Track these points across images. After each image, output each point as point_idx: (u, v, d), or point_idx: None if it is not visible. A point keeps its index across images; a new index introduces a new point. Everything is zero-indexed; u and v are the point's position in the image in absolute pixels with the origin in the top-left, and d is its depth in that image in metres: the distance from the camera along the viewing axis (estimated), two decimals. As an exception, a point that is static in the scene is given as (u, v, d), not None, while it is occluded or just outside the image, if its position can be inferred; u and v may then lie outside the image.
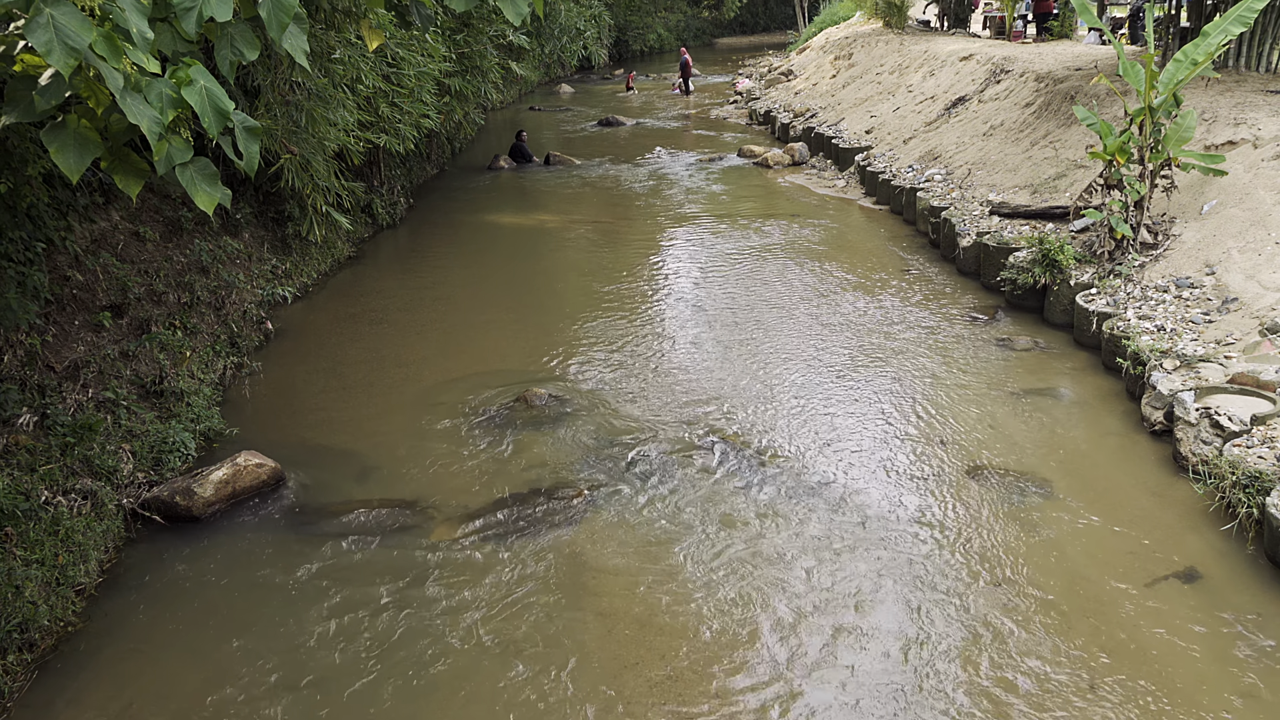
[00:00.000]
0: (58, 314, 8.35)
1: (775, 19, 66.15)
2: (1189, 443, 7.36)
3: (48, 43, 3.26)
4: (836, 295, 11.93)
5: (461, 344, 10.79)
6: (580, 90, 37.94)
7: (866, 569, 6.39)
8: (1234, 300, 8.90)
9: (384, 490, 7.65)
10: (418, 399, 9.28)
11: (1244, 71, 14.33)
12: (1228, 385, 7.72)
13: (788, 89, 29.54)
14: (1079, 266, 10.63)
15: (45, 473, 6.82)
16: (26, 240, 7.79)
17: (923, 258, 13.42)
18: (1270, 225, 9.46)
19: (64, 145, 3.74)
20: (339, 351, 10.60)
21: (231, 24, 4.16)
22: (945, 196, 14.50)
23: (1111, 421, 8.38)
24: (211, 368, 9.48)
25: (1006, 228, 12.37)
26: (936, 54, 22.10)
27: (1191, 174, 10.70)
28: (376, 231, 15.82)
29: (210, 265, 10.53)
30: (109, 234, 9.52)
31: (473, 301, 12.38)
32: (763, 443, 8.17)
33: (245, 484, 7.51)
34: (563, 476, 7.73)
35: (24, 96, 3.67)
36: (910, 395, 8.99)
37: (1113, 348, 9.15)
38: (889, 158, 18.02)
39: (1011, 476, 7.47)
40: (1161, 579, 6.18)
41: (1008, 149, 14.99)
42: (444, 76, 16.11)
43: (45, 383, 7.63)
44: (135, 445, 7.72)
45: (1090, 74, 15.29)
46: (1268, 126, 10.94)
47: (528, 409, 8.87)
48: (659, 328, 11.05)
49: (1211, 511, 6.79)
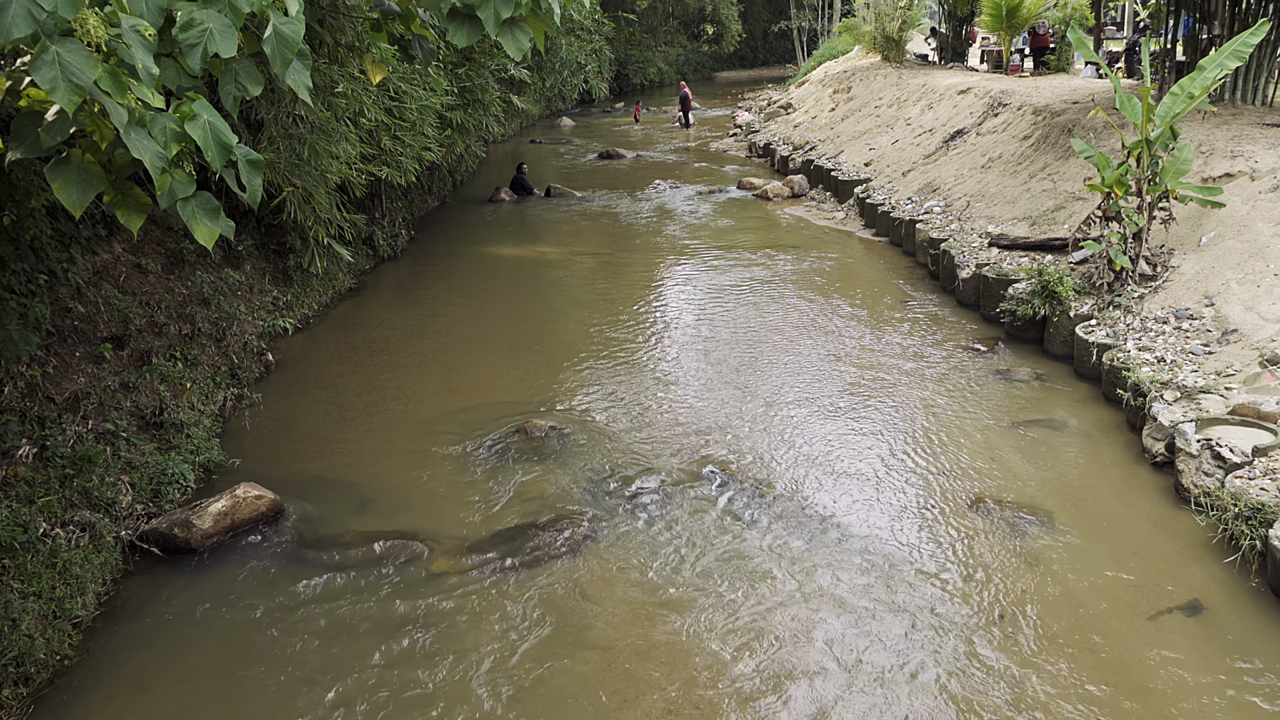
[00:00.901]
0: (59, 345, 8.37)
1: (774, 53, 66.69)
2: (1190, 474, 7.35)
3: (53, 80, 3.29)
4: (837, 327, 11.94)
5: (462, 375, 10.80)
6: (581, 123, 38.21)
7: (867, 601, 6.35)
8: (1234, 331, 8.91)
9: (383, 522, 7.62)
10: (418, 430, 9.27)
11: (1240, 105, 14.43)
12: (1229, 417, 7.71)
13: (787, 122, 29.74)
14: (1078, 298, 10.66)
15: (44, 504, 6.80)
16: (29, 272, 7.82)
17: (922, 289, 13.45)
18: (1269, 257, 9.50)
19: (68, 181, 3.76)
20: (339, 383, 10.61)
21: (236, 60, 4.21)
22: (944, 228, 14.56)
23: (1113, 453, 8.36)
24: (212, 399, 9.48)
25: (1005, 259, 12.41)
26: (934, 87, 22.27)
27: (1189, 206, 10.75)
28: (378, 263, 15.88)
29: (211, 297, 10.56)
30: (111, 266, 9.56)
31: (473, 333, 12.40)
32: (763, 474, 8.15)
33: (244, 516, 7.49)
34: (562, 508, 7.70)
35: (29, 132, 3.70)
36: (911, 427, 8.98)
37: (1113, 379, 9.15)
38: (888, 190, 18.11)
39: (1013, 508, 7.44)
40: (1165, 612, 6.14)
41: (1006, 181, 15.07)
42: (446, 110, 16.24)
43: (45, 414, 7.63)
44: (134, 477, 7.70)
45: (1087, 107, 15.41)
46: (1264, 159, 11.01)
47: (527, 440, 8.86)
48: (659, 359, 11.06)
49: (1214, 544, 6.76)
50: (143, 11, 3.94)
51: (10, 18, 3.28)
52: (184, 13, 4.00)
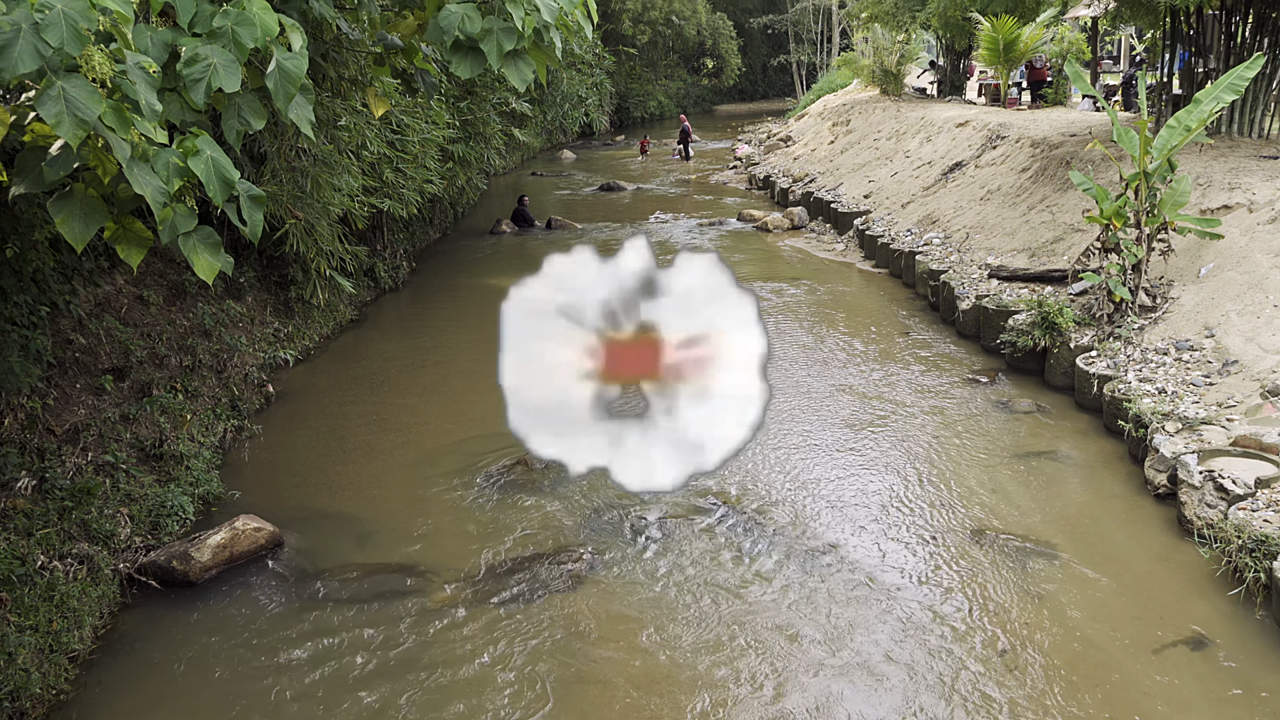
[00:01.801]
0: (59, 377, 8.37)
1: (774, 86, 67.21)
2: (1193, 506, 7.32)
3: (58, 114, 3.32)
4: (837, 358, 11.95)
5: (462, 407, 10.79)
6: (582, 156, 38.42)
7: (869, 635, 6.31)
8: (1234, 363, 8.91)
9: (383, 554, 7.59)
10: (418, 462, 9.25)
11: (1237, 138, 14.53)
12: (1231, 448, 7.69)
13: (787, 154, 29.92)
14: (1078, 329, 10.67)
15: (42, 537, 6.77)
16: (31, 304, 7.84)
17: (922, 320, 13.47)
18: (1268, 288, 9.52)
19: (70, 215, 3.79)
20: (340, 414, 10.60)
21: (239, 94, 4.24)
22: (944, 260, 14.60)
23: (1115, 484, 8.33)
24: (212, 431, 9.47)
25: (1005, 290, 12.43)
26: (933, 120, 22.42)
27: (1188, 237, 10.79)
28: (379, 295, 15.91)
29: (213, 329, 10.58)
30: (113, 297, 9.58)
31: (474, 365, 12.39)
32: (764, 506, 8.12)
33: (243, 548, 7.45)
34: (563, 540, 7.67)
35: (34, 167, 3.72)
36: (912, 458, 8.96)
37: (1114, 410, 9.14)
38: (887, 222, 18.18)
39: (1016, 540, 7.41)
40: (1169, 645, 6.09)
41: (1005, 213, 15.13)
42: (447, 142, 16.35)
43: (45, 446, 7.62)
44: (133, 509, 7.68)
45: (1085, 140, 15.51)
46: (1262, 191, 11.06)
47: (528, 472, 8.83)
48: (660, 390, 11.04)
49: (1218, 576, 6.72)
50: (148, 48, 3.99)
51: (16, 54, 3.31)
52: (188, 48, 4.04)
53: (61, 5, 3.43)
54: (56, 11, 3.41)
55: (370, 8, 6.23)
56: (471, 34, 5.04)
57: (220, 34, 4.13)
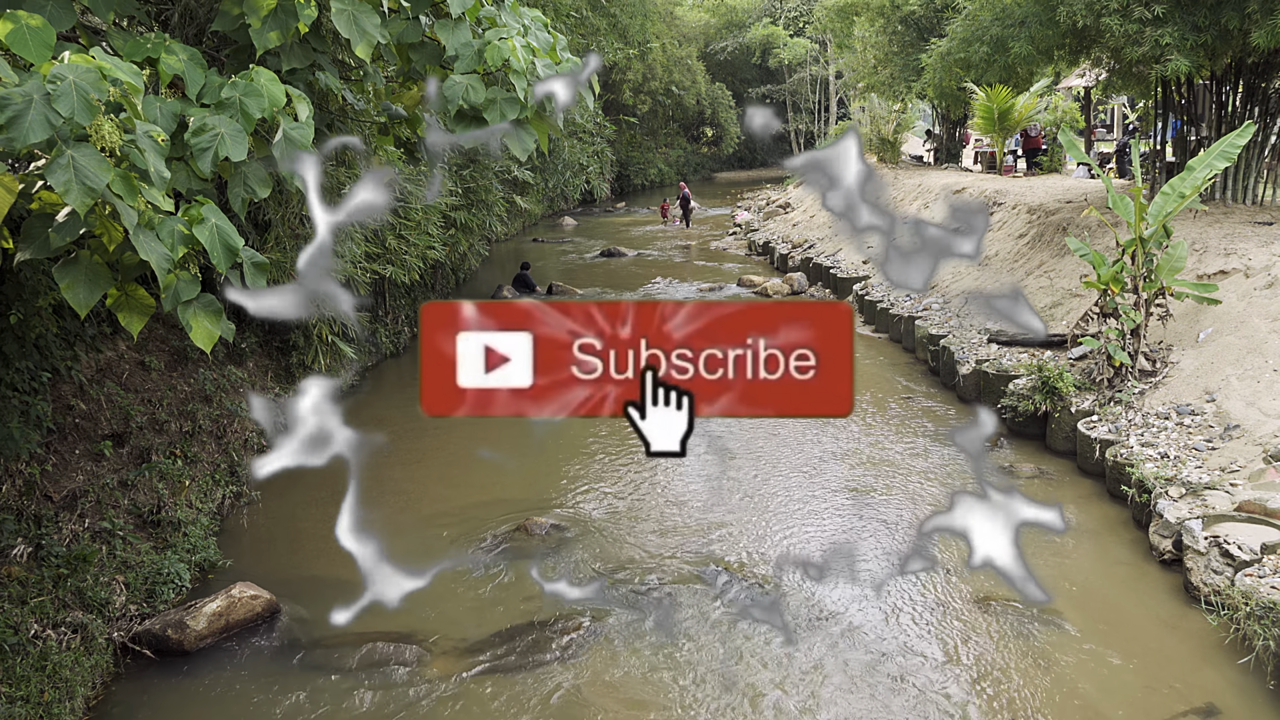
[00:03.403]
0: (59, 443, 8.35)
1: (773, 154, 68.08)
2: (1199, 572, 7.24)
3: (66, 183, 3.37)
4: (837, 424, 11.93)
5: (462, 472, 10.74)
6: (583, 222, 38.78)
7: (873, 704, 6.19)
8: (1236, 427, 8.89)
9: (381, 622, 7.48)
10: (417, 528, 9.18)
11: (1231, 204, 14.68)
12: (1235, 513, 7.64)
13: (786, 221, 30.21)
14: (1079, 394, 10.66)
15: (36, 605, 6.69)
16: (33, 370, 7.85)
17: (923, 385, 13.47)
18: (1267, 353, 9.53)
19: (75, 281, 3.82)
20: (338, 480, 10.48)
21: (245, 163, 4.30)
22: (943, 325, 14.66)
23: (1120, 550, 8.26)
24: (210, 497, 9.41)
25: (1005, 355, 12.46)
26: (930, 187, 22.69)
27: (1186, 302, 10.84)
28: (380, 360, 15.94)
29: (214, 394, 10.57)
30: (115, 363, 9.60)
31: (474, 430, 12.36)
32: (766, 573, 8.04)
33: (239, 616, 7.36)
34: (562, 608, 7.58)
35: (40, 233, 3.76)
36: (914, 524, 8.89)
37: (1117, 475, 9.09)
38: (886, 287, 18.29)
39: (1021, 607, 7.31)
40: (1179, 716, 5.99)
41: (1003, 278, 15.23)
42: (450, 209, 16.53)
43: (42, 513, 7.57)
44: (129, 576, 7.60)
45: (1081, 206, 15.67)
46: (1258, 256, 11.14)
47: (528, 538, 8.76)
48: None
49: (1227, 644, 6.62)
50: (156, 117, 4.05)
51: (28, 124, 3.37)
52: (196, 118, 4.11)
53: (73, 76, 3.50)
54: (68, 82, 3.48)
55: (375, 79, 6.35)
56: (475, 104, 5.13)
57: (228, 104, 4.20)
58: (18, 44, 3.65)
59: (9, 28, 3.66)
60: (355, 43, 4.80)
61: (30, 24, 3.69)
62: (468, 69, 5.20)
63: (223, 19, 4.85)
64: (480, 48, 5.17)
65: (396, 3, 5.19)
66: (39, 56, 3.66)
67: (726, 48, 60.21)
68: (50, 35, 3.72)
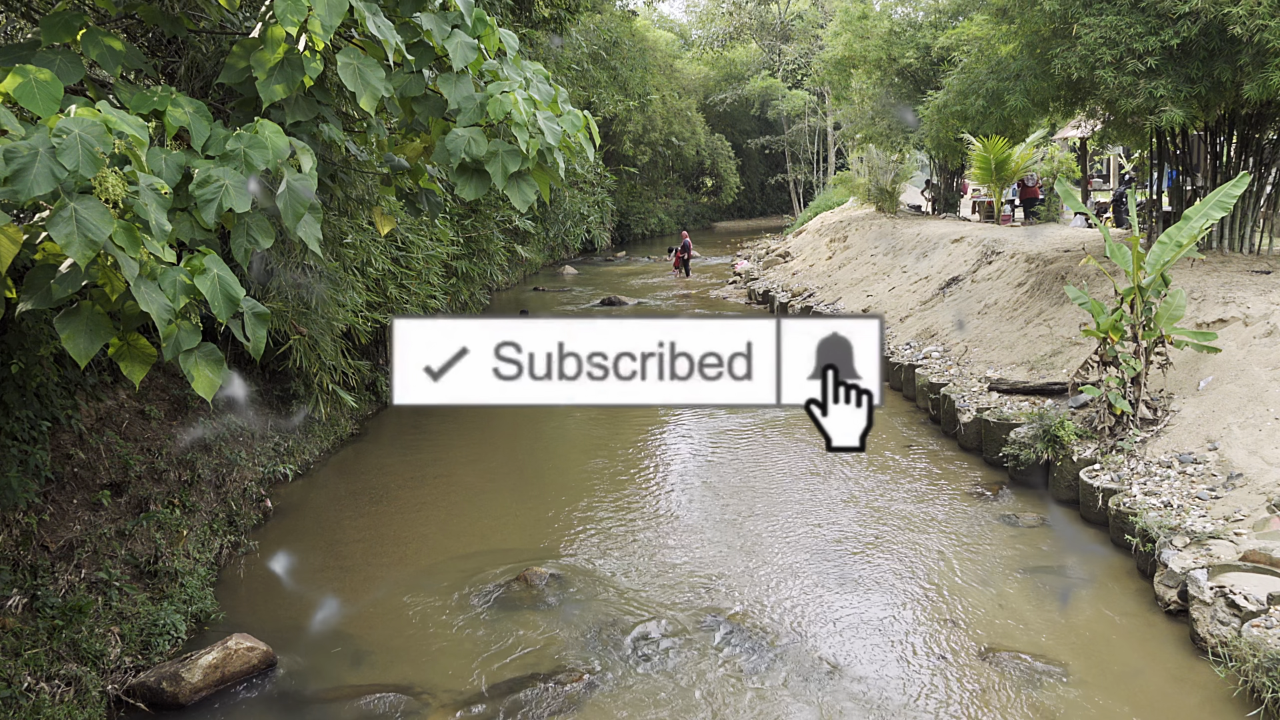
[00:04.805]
0: (57, 492, 8.32)
1: (772, 203, 68.68)
2: (1206, 623, 7.17)
3: (68, 235, 3.39)
4: (838, 472, 11.88)
5: (462, 522, 10.68)
6: (583, 271, 38.97)
7: (879, 760, 6.10)
8: (1239, 476, 8.85)
9: (378, 674, 7.40)
10: (416, 579, 9.10)
11: (1228, 253, 14.76)
12: (1240, 563, 7.58)
13: (785, 270, 30.36)
14: (1080, 442, 10.64)
15: (30, 657, 6.62)
16: (32, 419, 7.84)
17: (924, 433, 13.44)
18: (1268, 401, 9.53)
19: (76, 331, 3.83)
20: (338, 530, 10.49)
21: (248, 214, 4.33)
22: (944, 373, 14.66)
23: (1125, 601, 8.18)
24: (208, 547, 9.35)
25: (1006, 404, 12.45)
26: (929, 236, 22.83)
27: (1185, 351, 10.86)
28: (380, 409, 15.92)
29: (213, 443, 10.55)
30: (115, 412, 9.59)
31: (474, 479, 12.33)
32: (767, 623, 7.96)
33: (235, 668, 7.27)
34: (562, 659, 7.49)
35: (42, 284, 3.78)
36: (918, 574, 8.82)
37: (1120, 524, 9.04)
38: (886, 335, 18.34)
39: (1026, 659, 7.23)
40: (1189, 771, 5.89)
41: (1003, 327, 15.27)
42: (451, 259, 16.62)
43: (38, 563, 7.52)
44: (124, 628, 7.52)
45: (1078, 255, 15.76)
46: (1256, 305, 11.18)
47: (527, 588, 8.69)
48: (660, 505, 10.96)
49: (1235, 696, 6.54)
50: (161, 169, 4.09)
51: (32, 176, 3.40)
52: (201, 170, 4.15)
53: (79, 129, 3.54)
54: (74, 136, 3.52)
55: (379, 131, 6.42)
56: (477, 156, 5.18)
57: (233, 156, 4.24)
58: (25, 98, 3.70)
59: (17, 81, 3.71)
60: (359, 95, 4.86)
61: (39, 78, 3.74)
62: (470, 122, 5.25)
63: (229, 72, 4.91)
64: (483, 101, 5.23)
65: (400, 56, 5.26)
66: (46, 110, 3.70)
67: (726, 99, 60.98)
68: (58, 89, 3.77)
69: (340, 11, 4.64)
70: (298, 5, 4.53)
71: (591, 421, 15.55)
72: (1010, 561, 9.00)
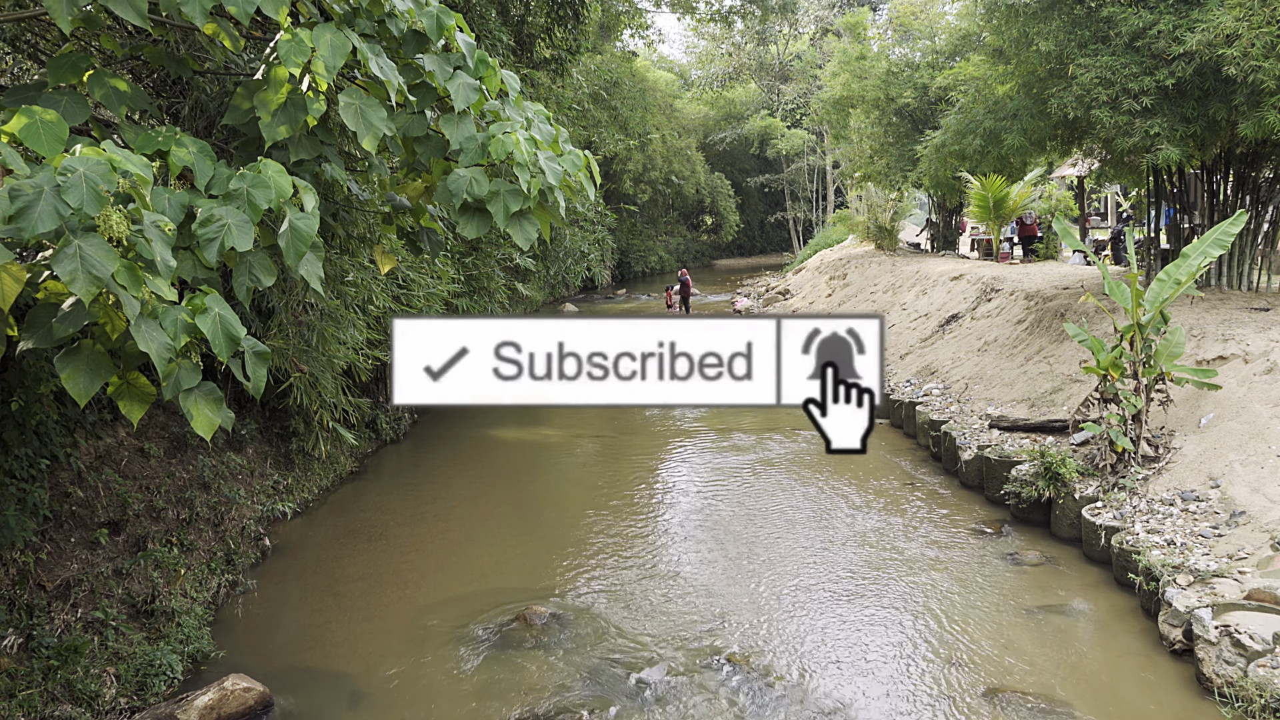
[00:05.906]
0: (55, 531, 8.28)
1: (771, 241, 69.01)
2: (1211, 663, 7.10)
3: (72, 272, 3.41)
4: (839, 509, 11.83)
5: (461, 560, 10.62)
6: (584, 308, 39.09)
7: (883, 803, 6.02)
8: (1242, 513, 8.81)
9: (376, 716, 7.32)
10: (414, 618, 9.03)
11: (1226, 290, 14.81)
12: (1245, 602, 7.52)
13: (785, 307, 30.45)
14: (1082, 479, 10.60)
15: (24, 698, 6.55)
16: (31, 457, 7.83)
17: (925, 471, 13.40)
18: (1269, 438, 9.51)
19: (76, 370, 3.83)
20: (336, 569, 10.42)
21: (251, 252, 4.35)
22: (944, 410, 14.65)
23: (1129, 640, 8.11)
24: (205, 586, 9.29)
25: (1007, 441, 12.42)
26: (928, 274, 22.92)
27: (1186, 388, 10.86)
28: (380, 446, 15.90)
29: (212, 481, 10.52)
30: (114, 450, 9.57)
31: (474, 517, 12.27)
32: (770, 663, 7.88)
33: (231, 710, 7.19)
34: (563, 701, 7.41)
35: (44, 322, 3.79)
36: (920, 613, 8.75)
37: (1123, 562, 8.99)
38: (886, 372, 18.33)
39: (1031, 700, 7.16)
40: (1198, 814, 5.81)
41: (1003, 364, 15.27)
42: (452, 296, 16.67)
43: (35, 602, 7.47)
44: (120, 668, 7.45)
45: (1077, 293, 15.80)
46: (1256, 342, 11.20)
47: (527, 628, 8.62)
48: (661, 544, 10.90)
49: (1243, 738, 6.47)
50: (164, 209, 4.12)
51: (37, 215, 3.42)
52: (204, 209, 4.18)
53: (84, 169, 3.57)
54: (78, 175, 3.55)
55: (381, 170, 6.47)
56: (479, 196, 5.21)
57: (236, 195, 4.28)
58: (30, 138, 3.74)
59: (24, 122, 3.74)
60: (361, 135, 4.90)
61: (45, 119, 3.78)
62: (472, 162, 5.29)
63: (233, 113, 4.96)
64: (484, 141, 5.28)
65: (403, 97, 5.31)
66: (51, 150, 3.74)
67: (725, 138, 61.51)
68: (63, 130, 3.81)
69: (343, 52, 4.70)
70: (301, 46, 4.59)
71: (592, 458, 15.52)
72: (1013, 600, 8.94)
